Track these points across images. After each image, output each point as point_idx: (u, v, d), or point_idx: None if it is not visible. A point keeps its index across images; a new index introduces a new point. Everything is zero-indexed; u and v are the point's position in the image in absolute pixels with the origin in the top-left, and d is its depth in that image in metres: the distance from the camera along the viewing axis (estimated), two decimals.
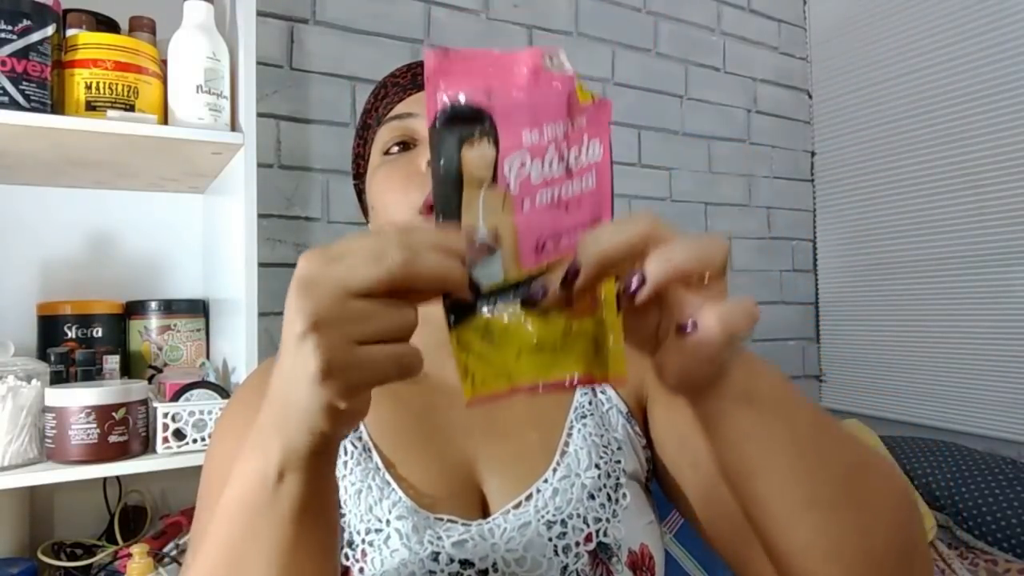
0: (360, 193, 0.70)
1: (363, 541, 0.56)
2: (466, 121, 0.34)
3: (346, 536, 0.57)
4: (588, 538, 0.56)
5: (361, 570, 0.55)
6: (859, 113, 2.04)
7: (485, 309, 0.35)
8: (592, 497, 0.59)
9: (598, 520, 0.57)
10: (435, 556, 0.54)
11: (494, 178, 0.34)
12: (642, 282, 0.34)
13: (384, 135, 0.63)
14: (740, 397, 0.40)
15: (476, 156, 0.34)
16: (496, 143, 0.34)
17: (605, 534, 0.57)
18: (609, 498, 0.59)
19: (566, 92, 0.34)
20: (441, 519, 0.55)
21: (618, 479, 0.60)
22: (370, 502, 0.57)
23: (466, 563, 0.54)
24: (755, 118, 2.08)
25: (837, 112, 2.11)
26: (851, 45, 2.06)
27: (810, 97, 2.20)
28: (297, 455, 0.36)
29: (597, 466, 0.61)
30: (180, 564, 1.00)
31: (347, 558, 0.56)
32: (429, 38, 1.56)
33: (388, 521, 0.56)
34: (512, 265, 0.35)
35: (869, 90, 2.01)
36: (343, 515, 0.58)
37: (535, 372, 0.36)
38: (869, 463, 0.45)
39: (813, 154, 2.19)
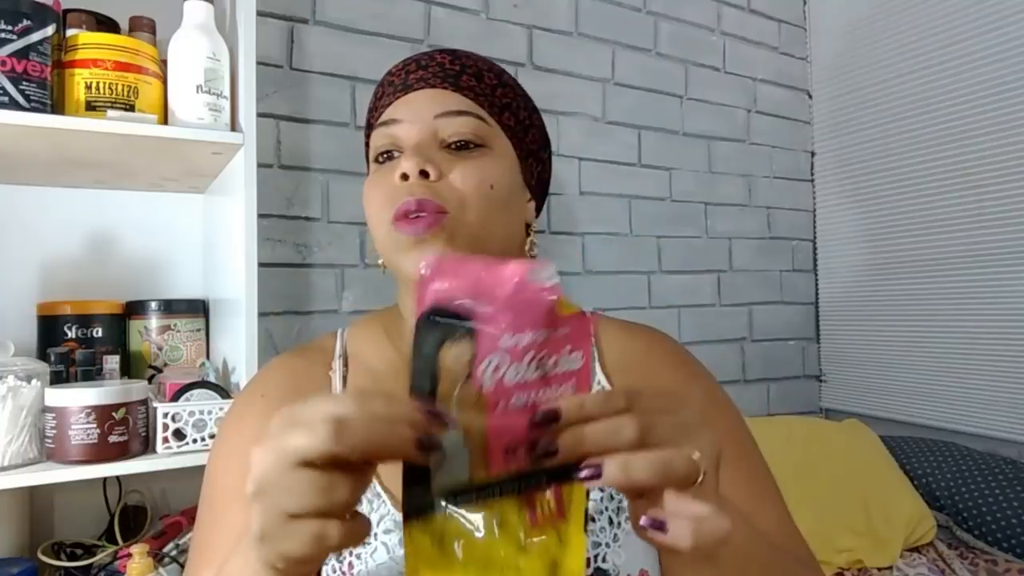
0: None
1: (350, 552, 0.55)
2: (449, 320, 0.35)
3: None
4: (586, 563, 0.54)
5: None
6: (859, 113, 2.04)
7: (443, 508, 0.35)
8: (593, 520, 0.57)
9: (597, 545, 0.56)
10: None
11: (470, 376, 0.35)
12: (595, 476, 0.34)
13: (375, 141, 0.63)
14: (701, 559, 0.40)
15: (454, 355, 0.35)
16: (475, 344, 0.35)
17: (604, 560, 0.55)
18: (611, 521, 0.58)
19: (548, 303, 0.36)
20: None
21: (620, 501, 0.59)
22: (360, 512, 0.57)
23: None
24: (755, 118, 2.08)
25: (837, 112, 2.11)
26: (851, 45, 2.06)
27: (810, 97, 2.19)
28: None
29: (600, 487, 0.60)
30: (180, 564, 1.00)
31: (334, 570, 0.55)
32: (429, 38, 1.56)
33: (376, 535, 0.55)
34: (479, 467, 0.35)
35: (869, 90, 2.01)
36: None
37: None
38: None
39: (813, 154, 2.19)
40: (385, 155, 0.62)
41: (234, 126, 1.02)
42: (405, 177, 0.57)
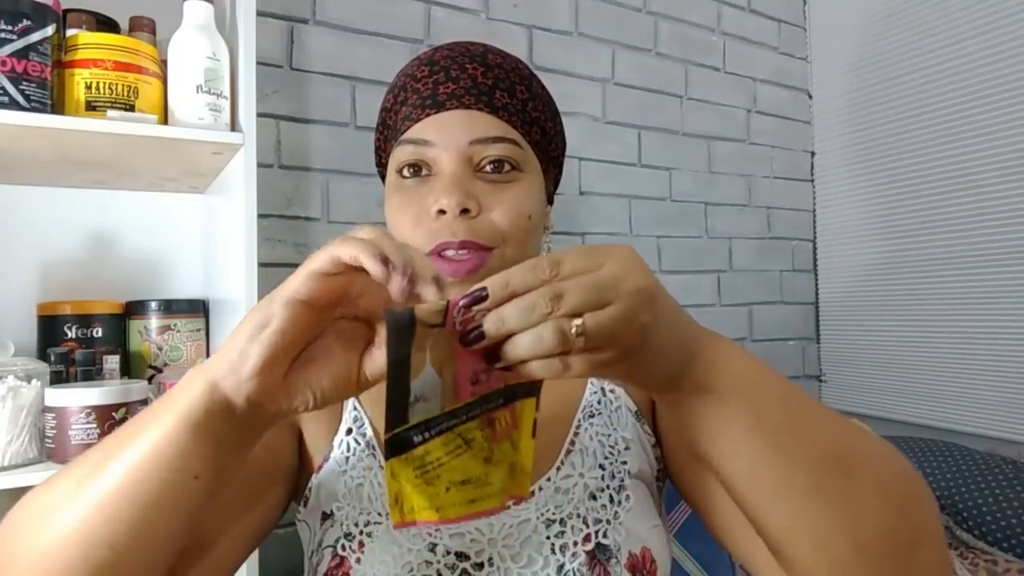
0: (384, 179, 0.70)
1: (361, 532, 0.57)
2: None
3: (343, 529, 0.58)
4: (587, 538, 0.56)
5: (359, 560, 0.56)
6: (859, 113, 2.04)
7: (419, 439, 0.39)
8: (594, 497, 0.59)
9: (598, 521, 0.58)
10: (432, 547, 0.55)
11: (443, 323, 0.38)
12: (479, 337, 0.37)
13: (400, 154, 0.61)
14: (696, 389, 0.41)
15: (430, 305, 0.38)
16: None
17: (604, 535, 0.57)
18: (611, 499, 0.59)
19: None
20: None
21: (622, 480, 0.60)
22: (371, 495, 0.58)
23: (462, 555, 0.55)
24: (755, 118, 2.08)
25: (837, 112, 2.11)
26: (851, 45, 2.06)
27: (810, 97, 2.19)
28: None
29: (601, 466, 0.61)
30: None
31: (343, 548, 0.57)
32: (429, 38, 1.56)
33: (388, 514, 0.57)
34: (450, 396, 0.39)
35: (869, 90, 2.01)
36: (334, 511, 0.59)
37: (462, 505, 0.41)
38: (857, 452, 0.44)
39: (813, 154, 2.19)
40: (412, 169, 0.60)
41: (234, 126, 1.02)
42: (442, 211, 0.56)
